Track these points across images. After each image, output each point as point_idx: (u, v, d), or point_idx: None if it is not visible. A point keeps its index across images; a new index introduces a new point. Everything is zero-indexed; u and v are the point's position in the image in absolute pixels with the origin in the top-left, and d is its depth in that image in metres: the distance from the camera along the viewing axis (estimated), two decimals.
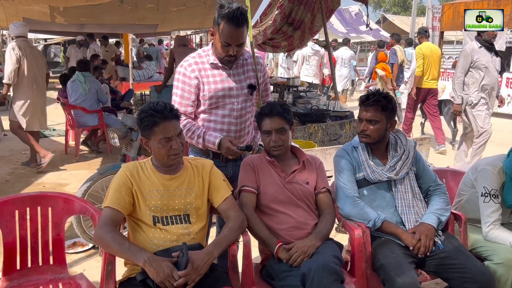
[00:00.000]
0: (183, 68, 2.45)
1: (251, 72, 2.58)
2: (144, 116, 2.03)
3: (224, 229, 2.09)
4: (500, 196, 2.47)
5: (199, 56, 2.48)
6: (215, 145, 2.41)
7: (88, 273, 3.19)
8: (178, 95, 2.47)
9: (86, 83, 6.20)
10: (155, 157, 2.12)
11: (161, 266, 1.81)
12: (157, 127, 2.01)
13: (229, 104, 2.48)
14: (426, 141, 4.03)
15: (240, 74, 2.52)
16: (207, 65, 2.44)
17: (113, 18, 7.39)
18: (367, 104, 2.39)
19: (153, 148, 2.08)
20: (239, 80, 2.51)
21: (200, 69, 2.43)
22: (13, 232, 2.24)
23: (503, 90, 10.61)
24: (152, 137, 2.04)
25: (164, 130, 2.01)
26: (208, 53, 2.47)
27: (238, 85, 2.50)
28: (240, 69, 2.53)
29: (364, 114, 2.41)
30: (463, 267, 2.17)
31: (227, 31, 2.27)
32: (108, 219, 2.00)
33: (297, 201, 2.32)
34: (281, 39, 6.99)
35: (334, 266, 1.96)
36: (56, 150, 6.71)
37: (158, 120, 2.01)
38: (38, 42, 18.99)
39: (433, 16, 11.51)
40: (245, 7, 2.30)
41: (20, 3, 5.85)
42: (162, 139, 2.02)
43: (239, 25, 2.25)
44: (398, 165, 2.41)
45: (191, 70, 2.43)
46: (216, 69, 2.45)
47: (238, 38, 2.31)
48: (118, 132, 3.52)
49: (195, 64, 2.44)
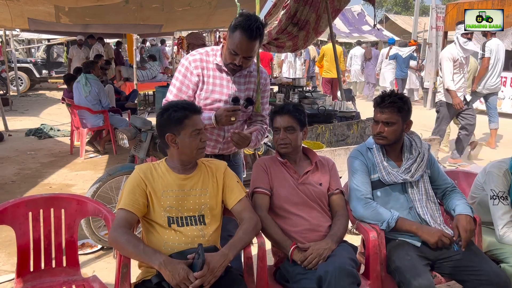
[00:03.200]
0: (188, 62, 2.42)
1: (252, 85, 2.53)
2: (173, 110, 2.06)
3: (239, 231, 2.08)
4: (509, 198, 2.46)
5: (207, 54, 2.44)
6: (211, 120, 2.33)
7: (97, 274, 3.15)
8: (176, 87, 2.44)
9: (87, 85, 6.19)
10: (181, 153, 2.10)
11: (177, 269, 1.80)
12: (189, 119, 2.05)
13: None
14: (435, 142, 4.01)
15: (241, 83, 2.47)
16: (212, 64, 2.41)
17: (117, 18, 7.37)
18: (383, 106, 2.37)
19: (182, 143, 2.07)
20: (238, 89, 2.46)
21: (203, 67, 2.40)
22: (26, 234, 2.23)
23: (507, 90, 10.59)
24: (182, 131, 2.05)
25: (194, 122, 2.06)
26: (216, 53, 2.43)
27: (236, 94, 2.44)
28: (242, 78, 2.48)
29: (380, 116, 2.39)
30: (478, 270, 2.15)
31: (238, 40, 2.22)
32: (123, 221, 1.99)
33: (311, 203, 2.31)
34: (286, 39, 6.97)
35: (351, 269, 1.95)
36: (62, 151, 6.72)
37: (189, 113, 2.05)
38: (41, 42, 19.03)
39: (437, 16, 11.47)
40: (263, 23, 2.26)
41: (26, 3, 5.83)
42: (193, 131, 2.05)
43: (252, 37, 2.21)
44: (413, 167, 2.40)
45: (194, 66, 2.40)
46: (219, 71, 2.42)
47: (247, 50, 2.26)
48: (128, 133, 3.51)
49: (200, 61, 2.41)
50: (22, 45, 20.37)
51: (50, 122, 8.65)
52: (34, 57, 18.05)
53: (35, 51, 19.70)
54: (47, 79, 15.94)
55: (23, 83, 14.42)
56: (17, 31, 12.10)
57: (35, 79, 15.28)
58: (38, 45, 19.69)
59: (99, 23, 8.04)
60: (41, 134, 7.73)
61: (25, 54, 19.42)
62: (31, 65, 15.21)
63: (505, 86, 10.69)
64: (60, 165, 5.99)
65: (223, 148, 2.54)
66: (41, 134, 7.73)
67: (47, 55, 16.37)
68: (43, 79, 15.75)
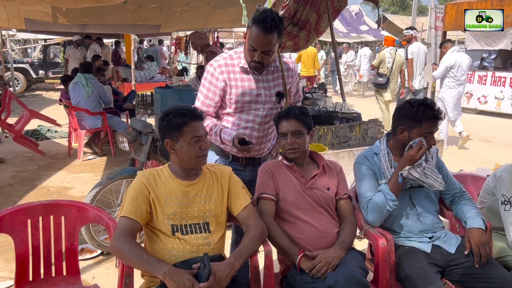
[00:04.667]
0: (213, 68, 2.41)
1: (281, 79, 2.52)
2: (173, 116, 1.99)
3: (245, 239, 2.02)
4: None
5: (231, 58, 2.42)
6: (229, 142, 2.34)
7: (97, 280, 3.12)
8: (203, 94, 2.44)
9: (88, 86, 6.12)
10: (181, 160, 2.04)
11: (182, 279, 1.74)
12: (188, 126, 1.98)
13: (254, 110, 2.43)
14: (440, 144, 3.96)
15: (269, 81, 2.46)
16: (237, 67, 2.39)
17: (115, 18, 7.28)
18: (430, 117, 2.25)
19: (181, 150, 2.01)
20: (268, 87, 2.45)
21: (229, 71, 2.38)
22: (25, 242, 2.17)
23: (506, 90, 10.58)
24: (181, 137, 1.99)
25: (194, 129, 1.99)
26: (240, 55, 2.41)
27: (266, 92, 2.44)
28: (270, 75, 2.47)
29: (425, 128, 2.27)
30: (490, 277, 2.10)
31: (254, 35, 2.21)
32: (125, 229, 1.93)
33: (318, 208, 2.25)
34: (286, 39, 6.91)
35: (362, 278, 1.89)
36: (59, 153, 6.64)
37: (188, 119, 1.98)
38: (37, 42, 18.90)
39: (435, 16, 11.44)
40: (280, 16, 2.22)
41: (22, 3, 5.74)
42: (192, 139, 1.98)
43: (267, 30, 2.17)
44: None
45: (220, 72, 2.38)
46: (245, 73, 2.39)
47: (264, 44, 2.22)
48: (128, 136, 3.44)
49: (225, 66, 2.39)
50: (18, 45, 20.24)
51: (47, 124, 8.54)
52: (31, 57, 17.92)
53: (32, 51, 19.56)
54: (44, 79, 15.83)
55: (19, 83, 14.32)
56: (13, 31, 11.98)
57: (31, 80, 15.19)
58: (35, 45, 19.56)
59: (97, 23, 7.95)
60: (38, 135, 7.65)
61: (21, 54, 19.30)
62: (28, 65, 15.12)
63: (504, 86, 10.68)
64: (58, 168, 5.91)
65: (255, 149, 2.51)
66: (38, 135, 7.65)
67: (44, 55, 16.25)
68: (39, 79, 15.65)
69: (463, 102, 11.32)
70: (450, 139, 7.31)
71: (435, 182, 2.29)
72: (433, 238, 2.32)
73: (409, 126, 2.28)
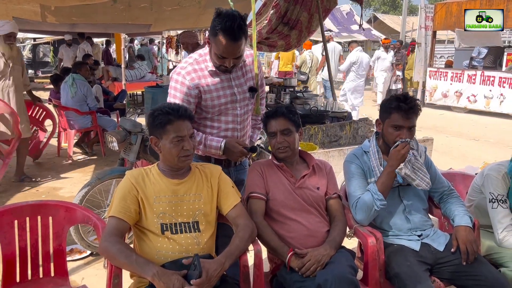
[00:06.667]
0: (181, 77, 2.30)
1: (250, 73, 2.46)
2: (158, 114, 1.98)
3: (235, 238, 2.01)
4: (508, 201, 2.42)
5: (197, 62, 2.33)
6: (218, 150, 2.32)
7: (87, 281, 3.10)
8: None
9: (73, 86, 6.06)
10: (165, 159, 2.04)
11: (171, 280, 1.73)
12: (171, 125, 1.97)
13: (232, 110, 2.39)
14: (429, 143, 3.99)
15: (240, 77, 2.41)
16: (206, 72, 2.31)
17: (105, 17, 7.23)
18: (407, 111, 2.26)
19: (163, 148, 2.00)
20: (240, 84, 2.40)
21: (199, 76, 2.30)
22: (12, 244, 2.14)
23: (495, 89, 10.68)
24: (164, 136, 1.98)
25: (177, 128, 1.97)
26: (205, 58, 2.33)
27: (239, 89, 2.39)
28: (239, 71, 2.41)
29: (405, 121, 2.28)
30: (478, 274, 2.12)
31: (223, 45, 2.14)
32: (114, 230, 1.91)
33: (308, 207, 2.25)
34: (277, 38, 6.91)
35: (351, 277, 1.89)
36: (48, 153, 6.56)
37: (172, 118, 1.97)
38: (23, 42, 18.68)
39: (425, 16, 11.53)
40: (244, 15, 2.17)
41: (10, 2, 5.68)
42: (174, 138, 1.97)
43: (236, 39, 2.12)
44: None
45: (190, 79, 2.28)
46: (216, 75, 2.33)
47: (234, 51, 2.19)
48: (117, 135, 3.41)
49: (194, 72, 2.30)
50: None
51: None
52: None
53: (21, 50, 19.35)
54: (33, 79, 15.69)
55: None
56: None
57: None
58: (24, 44, 19.36)
59: (87, 22, 7.89)
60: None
61: None
62: None
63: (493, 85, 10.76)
64: (47, 168, 5.86)
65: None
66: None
67: (33, 54, 16.11)
68: (29, 79, 15.48)
69: (453, 101, 11.45)
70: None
71: (422, 182, 2.30)
72: (422, 236, 2.33)
73: (382, 118, 2.37)
